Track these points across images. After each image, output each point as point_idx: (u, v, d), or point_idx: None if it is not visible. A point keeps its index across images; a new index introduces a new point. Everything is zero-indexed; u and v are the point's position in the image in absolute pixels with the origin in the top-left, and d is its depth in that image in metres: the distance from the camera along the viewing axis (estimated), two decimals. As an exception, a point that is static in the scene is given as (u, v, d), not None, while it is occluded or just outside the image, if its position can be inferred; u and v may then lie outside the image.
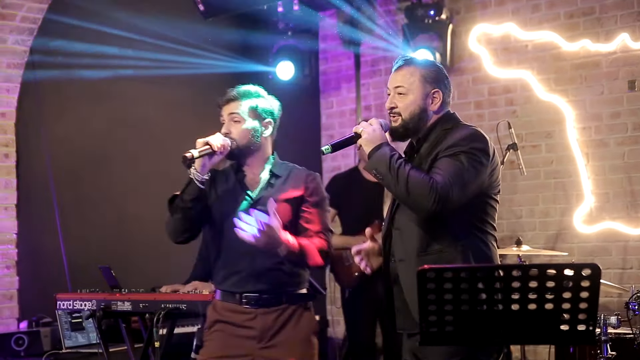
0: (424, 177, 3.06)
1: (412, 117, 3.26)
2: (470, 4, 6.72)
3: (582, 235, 6.14)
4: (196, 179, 3.47)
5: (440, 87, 3.29)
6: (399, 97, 3.28)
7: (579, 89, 6.19)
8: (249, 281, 3.54)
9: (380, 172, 3.14)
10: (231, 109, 3.61)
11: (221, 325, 3.57)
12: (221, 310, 3.59)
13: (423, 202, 3.04)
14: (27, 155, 5.76)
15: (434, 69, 3.31)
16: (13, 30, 5.51)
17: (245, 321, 3.53)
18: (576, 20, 6.22)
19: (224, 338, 3.55)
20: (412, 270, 3.03)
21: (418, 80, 3.26)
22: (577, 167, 6.17)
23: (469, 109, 6.65)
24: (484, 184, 3.17)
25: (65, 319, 5.17)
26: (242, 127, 3.59)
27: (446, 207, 3.04)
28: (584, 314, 2.64)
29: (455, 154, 3.12)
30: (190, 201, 3.49)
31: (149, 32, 6.34)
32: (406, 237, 3.21)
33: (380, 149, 3.16)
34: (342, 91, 7.48)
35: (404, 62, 3.32)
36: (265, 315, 3.53)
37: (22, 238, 5.67)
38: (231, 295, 3.57)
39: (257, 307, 3.54)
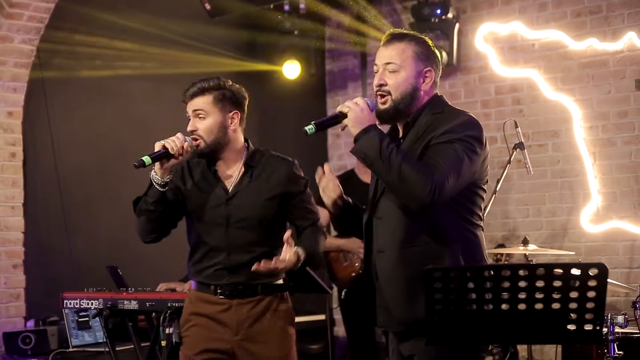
0: (419, 166, 2.85)
1: (403, 96, 3.01)
2: (477, 2, 6.70)
3: (589, 235, 6.13)
4: (156, 183, 3.43)
5: (432, 66, 3.06)
6: (389, 75, 3.03)
7: (586, 88, 6.18)
8: (225, 275, 3.51)
9: (369, 157, 2.88)
10: (195, 105, 3.51)
11: (197, 319, 3.54)
12: (196, 302, 3.56)
13: (418, 192, 2.82)
14: (34, 154, 5.77)
15: (426, 46, 3.07)
16: (20, 30, 5.52)
17: (220, 312, 3.50)
18: (583, 19, 6.21)
19: (201, 332, 3.52)
20: (393, 263, 2.97)
21: (411, 56, 3.02)
22: (584, 166, 6.16)
23: (476, 108, 6.64)
24: (475, 174, 2.99)
25: (72, 317, 5.18)
26: (208, 123, 3.50)
27: (441, 197, 2.83)
28: (591, 313, 2.64)
29: (449, 141, 2.91)
30: (152, 204, 3.46)
31: (156, 31, 6.34)
32: (389, 226, 2.99)
33: (369, 131, 2.91)
34: (349, 90, 7.48)
35: (395, 36, 3.08)
36: (240, 306, 3.50)
37: (29, 237, 5.68)
38: (206, 286, 3.54)
39: (231, 297, 3.50)
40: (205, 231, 3.54)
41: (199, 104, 3.51)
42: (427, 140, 2.95)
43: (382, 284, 3.02)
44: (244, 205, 3.52)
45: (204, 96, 3.51)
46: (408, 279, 2.94)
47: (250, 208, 3.52)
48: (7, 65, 5.55)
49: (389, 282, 3.00)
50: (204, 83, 3.54)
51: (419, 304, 2.82)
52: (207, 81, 3.55)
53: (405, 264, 2.96)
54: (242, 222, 3.52)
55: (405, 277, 2.95)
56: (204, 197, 3.54)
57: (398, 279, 2.97)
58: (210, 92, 3.52)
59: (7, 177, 5.59)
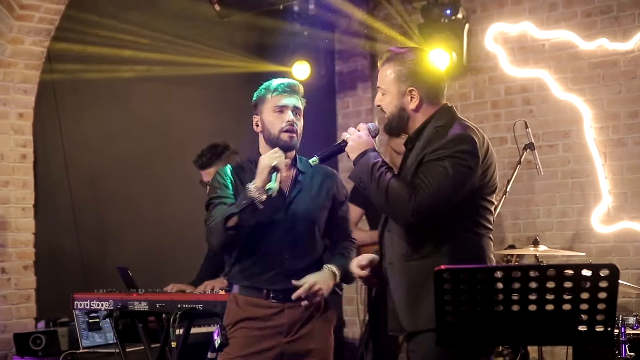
0: (403, 188, 2.95)
1: (392, 116, 3.17)
2: (487, 3, 6.69)
3: (600, 235, 6.11)
4: (259, 201, 3.41)
5: (416, 85, 3.11)
6: (380, 97, 3.21)
7: (597, 88, 6.16)
8: (280, 280, 3.53)
9: (363, 180, 3.05)
10: (296, 102, 3.62)
11: (245, 322, 3.55)
12: (244, 306, 3.56)
13: (401, 214, 2.96)
14: (44, 155, 5.79)
15: (407, 65, 3.13)
16: (30, 32, 5.53)
17: (272, 315, 3.53)
18: (593, 19, 6.19)
19: (248, 334, 3.53)
20: (398, 274, 3.09)
21: (392, 79, 3.14)
22: (594, 167, 6.14)
23: (486, 108, 6.63)
24: (474, 187, 3.02)
25: (83, 318, 5.18)
26: (301, 122, 3.61)
27: (426, 217, 2.93)
28: (602, 314, 2.63)
29: (439, 158, 2.97)
30: (248, 219, 3.45)
31: (166, 32, 6.35)
32: (395, 240, 3.11)
33: (364, 156, 3.07)
34: (358, 91, 7.48)
35: (385, 58, 3.20)
36: (292, 309, 3.53)
37: (40, 238, 5.69)
38: (257, 290, 3.55)
39: (284, 301, 3.53)
40: (264, 235, 3.53)
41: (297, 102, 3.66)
42: (422, 156, 3.03)
43: (392, 292, 3.14)
44: (302, 209, 3.57)
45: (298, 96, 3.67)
46: (409, 290, 3.03)
47: (308, 212, 3.58)
48: (17, 67, 5.57)
49: (395, 292, 3.11)
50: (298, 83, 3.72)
51: (420, 313, 2.97)
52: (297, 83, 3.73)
53: (407, 276, 3.06)
54: (301, 227, 3.56)
55: (407, 288, 3.05)
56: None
57: (402, 290, 3.08)
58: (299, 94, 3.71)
59: (18, 178, 5.60)
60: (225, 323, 3.60)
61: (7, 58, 5.50)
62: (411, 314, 3.03)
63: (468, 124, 3.12)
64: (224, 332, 3.55)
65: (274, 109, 3.57)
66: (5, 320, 5.48)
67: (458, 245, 3.02)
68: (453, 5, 6.54)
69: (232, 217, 3.42)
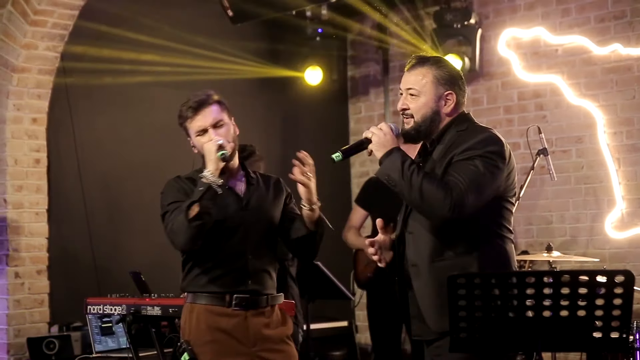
0: (438, 184, 2.98)
1: (424, 119, 3.15)
2: (500, 8, 6.68)
3: (614, 241, 6.08)
4: (216, 184, 3.39)
5: (454, 89, 3.17)
6: (410, 99, 3.17)
7: (610, 93, 6.14)
8: (242, 281, 3.49)
9: (392, 178, 3.04)
10: (212, 114, 3.52)
11: (212, 334, 3.47)
12: (206, 315, 3.49)
13: (438, 210, 2.96)
14: (58, 160, 5.81)
15: (447, 70, 3.18)
16: (44, 37, 5.56)
17: (236, 325, 3.48)
18: (607, 24, 6.17)
19: (218, 348, 3.47)
20: (425, 277, 3.07)
21: (430, 81, 3.15)
22: (608, 173, 6.12)
23: (498, 113, 6.62)
24: (500, 188, 3.08)
25: (96, 323, 5.20)
26: (228, 130, 3.53)
27: (461, 214, 2.96)
28: (617, 321, 2.62)
29: (470, 157, 3.02)
30: (211, 206, 3.41)
31: (178, 37, 6.37)
32: (419, 242, 3.11)
33: (392, 154, 3.07)
34: (370, 96, 7.48)
35: (417, 61, 3.20)
36: (253, 318, 3.50)
37: (53, 243, 5.71)
38: (219, 298, 3.49)
39: (246, 308, 3.49)
40: (222, 237, 3.52)
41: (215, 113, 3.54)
42: (450, 158, 3.06)
43: (417, 295, 3.11)
44: (259, 210, 3.57)
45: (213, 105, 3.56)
46: (438, 292, 2.98)
47: (265, 213, 3.58)
48: (31, 72, 5.59)
49: (421, 295, 3.09)
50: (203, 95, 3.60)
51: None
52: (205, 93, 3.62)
53: (435, 277, 3.02)
54: (260, 226, 3.55)
55: (436, 290, 3.01)
56: (218, 205, 3.48)
57: (430, 292, 3.05)
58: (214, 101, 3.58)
59: (32, 183, 5.63)
60: (190, 337, 3.49)
61: (21, 63, 5.53)
62: (440, 315, 2.97)
63: (490, 128, 3.19)
64: (190, 347, 3.45)
65: (196, 134, 3.55)
66: (19, 325, 5.50)
67: (486, 246, 3.05)
68: (466, 10, 6.53)
69: (192, 206, 3.38)
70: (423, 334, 3.13)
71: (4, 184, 5.53)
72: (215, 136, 3.48)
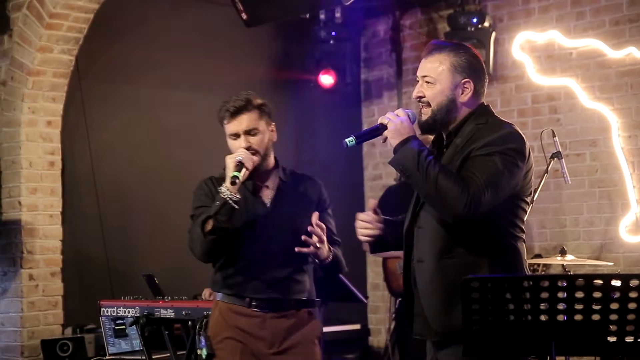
0: (455, 179, 2.85)
1: (439, 107, 3.02)
2: (514, 11, 6.67)
3: (628, 245, 6.06)
4: (231, 199, 3.39)
5: (472, 77, 3.05)
6: (426, 86, 3.04)
7: (625, 96, 6.11)
8: (262, 289, 3.52)
9: (407, 168, 2.92)
10: (246, 121, 3.51)
11: (230, 332, 3.53)
12: (227, 314, 3.54)
13: (453, 205, 2.83)
14: (72, 163, 5.83)
15: (465, 57, 3.05)
16: (59, 40, 5.58)
17: (255, 326, 3.51)
18: (622, 28, 6.15)
19: (235, 345, 3.51)
20: (431, 273, 2.97)
21: (447, 69, 3.02)
22: (622, 176, 6.09)
23: (512, 117, 6.59)
24: (517, 186, 2.99)
25: (109, 325, 5.21)
26: (261, 138, 3.53)
27: (476, 212, 2.84)
28: (632, 325, 2.61)
29: (489, 153, 2.91)
30: (226, 221, 3.42)
31: (192, 41, 6.39)
32: (429, 236, 2.99)
33: (408, 142, 2.93)
34: (384, 99, 7.47)
35: (434, 48, 3.09)
36: (274, 320, 3.52)
37: (67, 245, 5.73)
38: (239, 299, 3.53)
39: (266, 311, 3.52)
40: (246, 245, 3.53)
41: (249, 120, 3.52)
42: (468, 152, 2.95)
43: (420, 293, 3.01)
44: (284, 219, 3.55)
45: (250, 112, 3.52)
46: (445, 289, 2.92)
47: (290, 222, 3.55)
48: (46, 75, 5.62)
49: (426, 292, 2.99)
50: (243, 100, 3.54)
51: (455, 313, 2.81)
52: (246, 98, 3.55)
53: (443, 274, 2.94)
54: (284, 236, 3.53)
55: (443, 287, 2.93)
56: (242, 210, 3.50)
57: (436, 289, 2.96)
58: (254, 108, 3.54)
59: (46, 185, 5.65)
60: (210, 333, 3.57)
61: (36, 66, 5.56)
62: (444, 314, 2.92)
63: (510, 123, 3.09)
64: (209, 342, 3.53)
65: (230, 137, 3.57)
66: (33, 327, 5.52)
67: (498, 245, 2.96)
68: (480, 13, 6.52)
69: (207, 220, 3.42)
70: (426, 333, 3.03)
71: (19, 187, 5.56)
72: (244, 144, 3.48)
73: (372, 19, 7.33)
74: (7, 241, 5.58)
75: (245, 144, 3.49)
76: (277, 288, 3.53)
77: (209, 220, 3.42)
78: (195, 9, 6.49)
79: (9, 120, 5.63)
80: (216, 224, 3.41)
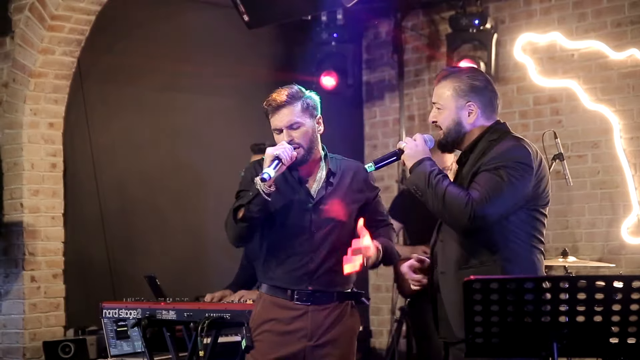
0: (460, 193, 3.06)
1: (448, 130, 3.26)
2: (515, 13, 6.67)
3: (630, 247, 6.05)
4: (264, 192, 3.39)
5: (475, 99, 3.24)
6: (437, 112, 3.29)
7: (627, 98, 6.11)
8: (305, 280, 3.53)
9: (419, 187, 3.16)
10: (288, 116, 3.51)
11: (270, 324, 3.54)
12: (269, 306, 3.56)
13: (458, 218, 3.05)
14: (74, 165, 5.84)
15: (468, 81, 3.26)
16: (61, 42, 5.59)
17: (296, 318, 3.51)
18: (624, 29, 6.15)
19: (274, 338, 3.52)
20: (451, 284, 3.14)
21: (450, 95, 3.24)
22: (624, 178, 6.09)
23: (514, 118, 6.60)
24: (527, 197, 3.11)
25: (111, 327, 5.20)
26: (304, 131, 3.52)
27: (482, 223, 3.04)
28: (634, 326, 2.61)
29: (495, 168, 3.08)
30: (258, 212, 3.43)
31: (194, 42, 6.40)
32: (448, 249, 3.20)
33: (421, 164, 3.18)
34: (385, 101, 7.47)
35: (443, 75, 3.32)
36: (315, 313, 3.52)
37: (69, 247, 5.73)
38: (282, 291, 3.54)
39: (308, 303, 3.52)
40: (289, 236, 3.54)
41: (290, 115, 3.51)
42: (477, 167, 3.13)
43: (444, 301, 3.20)
44: (329, 210, 3.56)
45: (292, 107, 3.52)
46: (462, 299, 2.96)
47: (336, 213, 3.57)
48: (48, 77, 5.62)
49: (448, 301, 3.17)
50: (285, 94, 3.54)
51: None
52: (288, 92, 3.56)
53: (460, 285, 2.95)
54: (328, 228, 3.55)
55: (461, 297, 2.95)
56: (288, 201, 3.53)
57: (455, 299, 3.08)
58: (296, 101, 3.54)
59: (48, 187, 5.65)
60: (251, 324, 3.60)
61: (37, 68, 5.56)
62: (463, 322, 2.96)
63: (521, 137, 3.24)
64: (249, 334, 3.55)
65: (274, 131, 3.57)
66: (35, 329, 5.52)
67: (512, 256, 3.09)
68: (481, 15, 6.53)
69: (240, 209, 3.44)
70: (448, 336, 3.20)
71: (21, 188, 5.56)
72: (286, 139, 3.48)
73: (373, 21, 7.33)
74: (9, 243, 5.58)
75: (288, 138, 3.49)
76: (320, 281, 3.53)
77: (241, 209, 3.44)
78: (197, 10, 6.50)
79: (10, 122, 5.63)
80: (247, 213, 3.43)
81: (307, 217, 3.54)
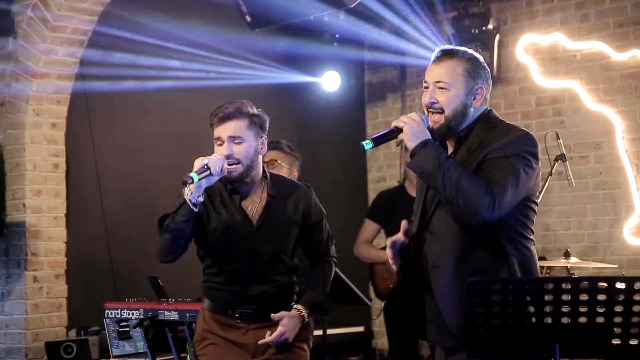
0: (477, 179, 2.86)
1: (455, 113, 3.01)
2: (518, 13, 6.67)
3: (632, 247, 6.05)
4: (190, 201, 3.35)
5: (483, 82, 3.06)
6: (440, 92, 3.02)
7: (629, 99, 6.11)
8: (245, 302, 3.50)
9: (426, 170, 2.91)
10: (232, 128, 3.43)
11: (213, 337, 3.52)
12: (210, 322, 3.54)
13: (476, 206, 2.82)
14: (76, 165, 5.84)
15: (476, 63, 3.07)
16: (64, 42, 5.59)
17: (238, 337, 3.49)
18: (626, 30, 6.14)
19: (218, 351, 3.50)
20: (449, 278, 2.96)
21: (461, 74, 3.02)
22: (626, 178, 6.09)
23: (516, 119, 6.59)
24: (530, 189, 3.01)
25: (113, 327, 5.20)
26: (245, 147, 3.44)
27: (499, 211, 2.84)
28: (636, 328, 2.60)
29: (506, 155, 2.92)
30: (182, 222, 3.39)
31: (197, 43, 6.39)
32: (445, 242, 2.99)
33: (426, 146, 2.93)
34: (388, 102, 7.47)
35: (446, 53, 3.07)
36: (257, 331, 3.50)
37: (72, 247, 5.74)
38: (222, 309, 3.53)
39: (249, 322, 3.50)
40: (228, 260, 3.52)
41: (234, 128, 3.44)
42: (483, 155, 2.95)
43: (437, 297, 3.00)
44: (269, 236, 3.51)
45: (238, 120, 3.46)
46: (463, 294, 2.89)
47: (276, 239, 3.53)
48: (50, 77, 5.63)
49: (444, 297, 2.98)
50: (234, 107, 3.47)
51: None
52: (237, 105, 3.48)
53: (461, 280, 2.90)
54: (267, 252, 3.51)
55: (460, 293, 2.90)
56: (226, 225, 3.49)
57: (455, 294, 2.95)
58: (243, 116, 3.47)
59: (50, 188, 5.66)
60: (195, 339, 3.58)
61: (40, 68, 5.57)
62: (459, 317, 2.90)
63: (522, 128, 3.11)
64: (193, 349, 3.54)
65: (215, 141, 3.50)
66: (37, 329, 5.53)
67: (514, 248, 2.98)
68: (484, 16, 6.52)
69: (165, 218, 3.43)
70: (440, 339, 3.04)
71: (23, 189, 5.57)
72: (225, 152, 3.41)
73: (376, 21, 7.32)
74: (11, 243, 5.59)
75: (227, 152, 3.42)
76: (260, 301, 3.50)
77: (167, 218, 3.42)
78: (200, 11, 6.49)
79: (13, 122, 5.64)
80: (171, 224, 3.40)
81: (247, 241, 3.50)
